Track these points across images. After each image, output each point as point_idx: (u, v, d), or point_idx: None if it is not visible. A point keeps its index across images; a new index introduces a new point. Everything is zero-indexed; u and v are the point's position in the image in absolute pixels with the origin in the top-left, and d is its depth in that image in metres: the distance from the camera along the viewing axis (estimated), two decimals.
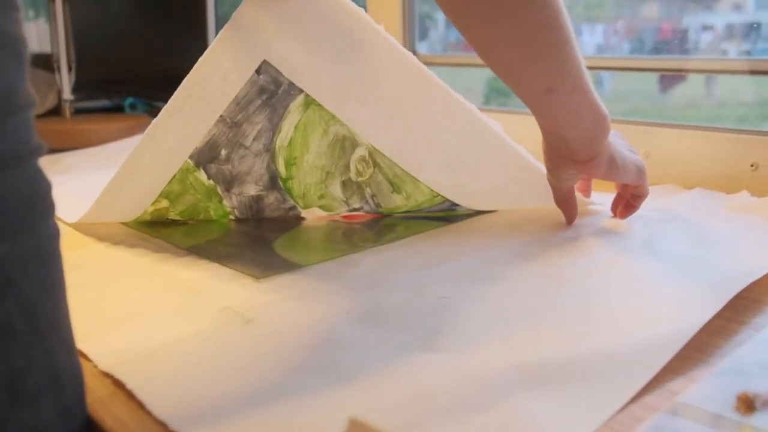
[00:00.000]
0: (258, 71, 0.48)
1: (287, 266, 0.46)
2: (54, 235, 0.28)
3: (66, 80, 0.99)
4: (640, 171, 0.51)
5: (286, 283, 0.43)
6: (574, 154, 0.48)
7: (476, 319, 0.38)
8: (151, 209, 0.55)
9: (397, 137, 0.52)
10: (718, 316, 0.37)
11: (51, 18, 0.99)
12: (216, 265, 0.47)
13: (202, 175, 0.52)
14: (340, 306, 0.39)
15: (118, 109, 1.15)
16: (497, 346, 0.34)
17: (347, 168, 0.53)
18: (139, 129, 1.01)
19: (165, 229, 0.55)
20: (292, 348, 0.35)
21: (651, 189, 0.65)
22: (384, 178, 0.54)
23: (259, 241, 0.52)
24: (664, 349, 0.33)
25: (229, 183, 0.53)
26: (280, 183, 0.53)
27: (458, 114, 0.52)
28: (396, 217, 0.58)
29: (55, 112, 1.05)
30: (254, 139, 0.51)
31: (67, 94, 1.00)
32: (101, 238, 0.53)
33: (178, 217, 0.56)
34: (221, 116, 0.49)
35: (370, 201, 0.55)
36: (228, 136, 0.50)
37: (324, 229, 0.55)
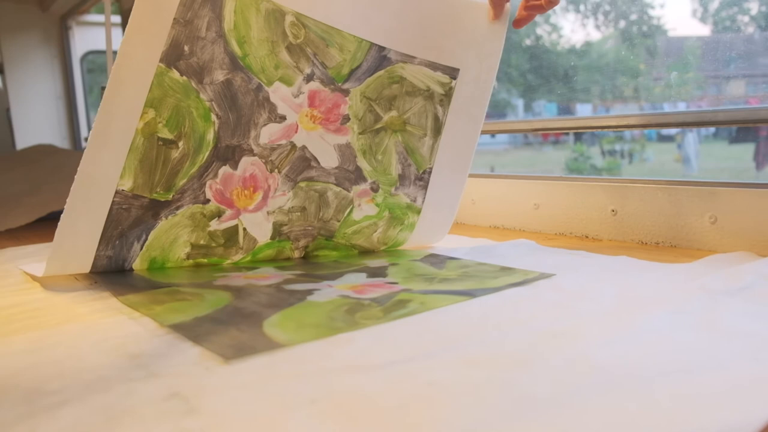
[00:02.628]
0: None
1: (268, 346, 0.40)
2: None
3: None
4: None
5: (256, 366, 0.37)
6: None
7: (466, 411, 0.30)
8: (140, 125, 0.57)
9: None
10: None
11: None
12: (189, 344, 0.41)
13: (175, 74, 0.58)
14: (306, 394, 0.33)
15: None
16: None
17: (285, 34, 0.61)
18: None
19: (157, 306, 0.51)
20: None
21: (717, 257, 0.56)
22: (315, 36, 0.62)
23: (250, 318, 0.46)
24: None
25: (200, 74, 0.59)
26: (240, 62, 0.60)
27: None
28: (415, 291, 0.52)
29: None
30: (207, 30, 0.58)
31: None
32: (86, 318, 0.50)
33: (167, 132, 0.59)
34: (175, 18, 0.56)
35: (316, 62, 0.62)
36: (185, 33, 0.57)
37: (329, 305, 0.49)
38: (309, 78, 0.62)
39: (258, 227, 0.64)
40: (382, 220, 0.68)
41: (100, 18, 2.10)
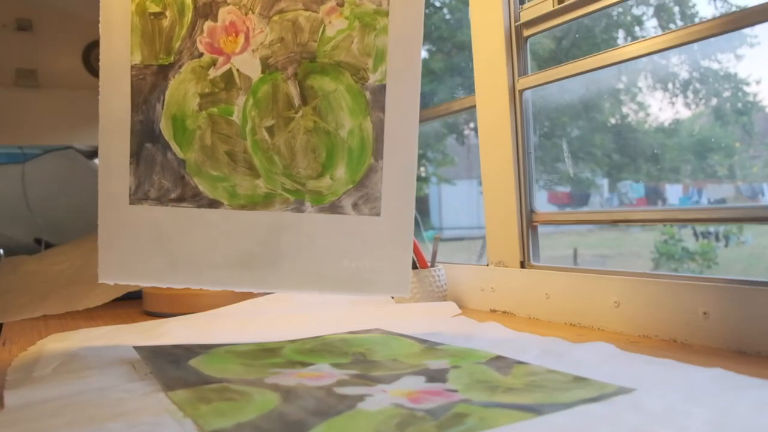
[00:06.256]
0: None
1: None
2: None
3: None
4: None
5: None
6: None
7: None
8: (133, 7, 0.71)
9: None
10: None
11: None
12: None
13: None
14: None
15: None
16: None
17: None
18: (252, 294, 1.00)
19: (203, 406, 0.49)
20: None
21: None
22: None
23: (292, 427, 0.43)
24: None
25: None
26: None
27: None
28: (474, 403, 0.47)
29: None
30: None
31: None
32: (131, 416, 0.48)
33: (154, 6, 0.71)
34: None
35: None
36: None
37: (379, 415, 0.45)
38: None
39: (248, 66, 0.73)
40: (354, 31, 0.73)
41: None
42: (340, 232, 0.72)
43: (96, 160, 2.41)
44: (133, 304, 1.06)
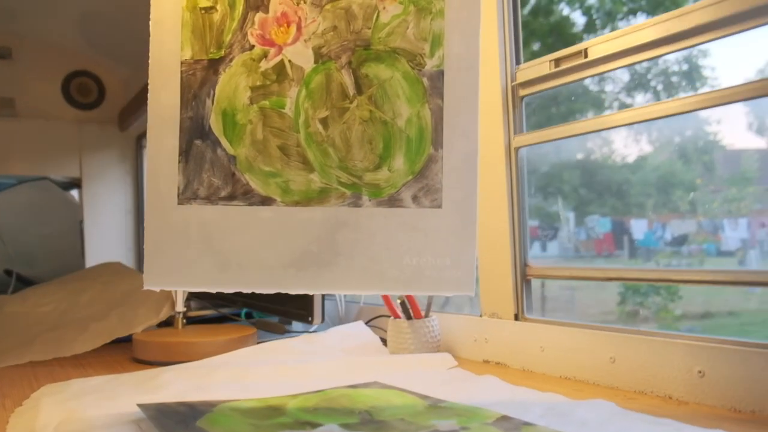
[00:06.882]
0: None
1: None
2: None
3: (180, 293, 1.03)
4: None
5: None
6: None
7: None
8: (185, 3, 0.71)
9: None
10: None
11: None
12: None
13: None
14: None
15: (226, 319, 1.18)
16: None
17: None
18: (244, 342, 1.00)
19: None
20: None
21: None
22: None
23: None
24: None
25: None
26: None
27: None
28: None
29: (169, 323, 1.08)
30: None
31: (180, 307, 1.03)
32: None
33: (205, 1, 0.71)
34: None
35: None
36: None
37: None
38: None
39: (300, 56, 0.71)
40: (409, 15, 0.70)
41: None
42: (400, 227, 0.68)
43: (72, 192, 2.37)
44: (122, 349, 1.05)
